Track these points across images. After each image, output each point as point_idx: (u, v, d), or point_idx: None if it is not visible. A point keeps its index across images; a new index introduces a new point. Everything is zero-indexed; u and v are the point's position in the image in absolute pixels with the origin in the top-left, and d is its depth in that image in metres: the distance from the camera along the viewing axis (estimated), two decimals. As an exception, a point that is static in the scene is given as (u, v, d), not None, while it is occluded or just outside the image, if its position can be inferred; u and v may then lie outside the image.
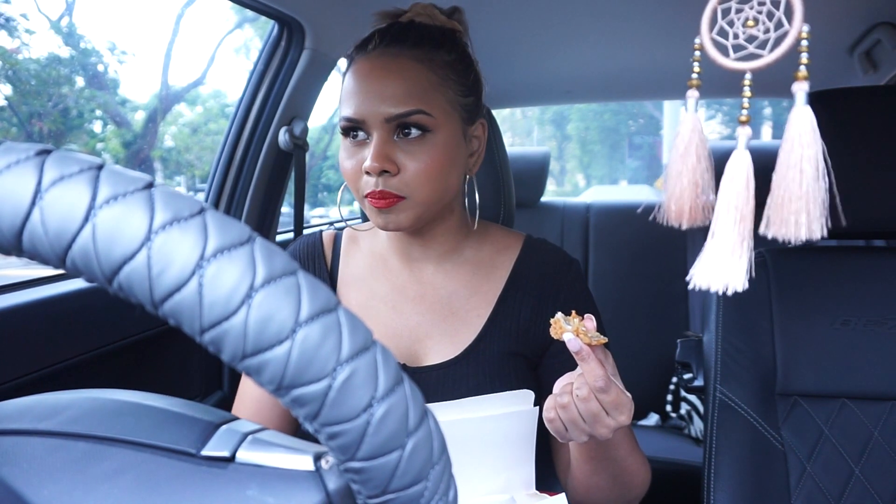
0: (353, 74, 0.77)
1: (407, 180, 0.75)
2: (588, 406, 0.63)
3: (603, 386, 0.62)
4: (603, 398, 0.62)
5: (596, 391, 0.62)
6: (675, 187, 0.35)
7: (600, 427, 0.64)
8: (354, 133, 0.77)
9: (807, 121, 0.33)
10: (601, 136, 19.31)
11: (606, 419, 0.63)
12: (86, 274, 0.23)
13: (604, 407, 0.63)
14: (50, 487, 0.28)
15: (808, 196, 0.33)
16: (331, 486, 0.27)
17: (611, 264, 2.22)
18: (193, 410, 0.30)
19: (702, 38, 0.33)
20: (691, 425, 1.91)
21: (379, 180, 0.74)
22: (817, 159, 0.33)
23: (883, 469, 0.95)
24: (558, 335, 0.65)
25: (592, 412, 0.63)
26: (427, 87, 0.76)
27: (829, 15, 1.29)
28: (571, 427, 0.65)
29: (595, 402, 0.63)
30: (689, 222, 0.35)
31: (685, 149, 0.35)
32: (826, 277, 1.02)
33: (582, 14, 1.32)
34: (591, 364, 0.63)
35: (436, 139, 0.75)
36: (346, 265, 0.88)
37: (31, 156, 0.23)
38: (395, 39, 0.77)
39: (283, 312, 0.23)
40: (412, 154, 0.75)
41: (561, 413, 0.65)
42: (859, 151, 0.97)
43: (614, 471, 0.76)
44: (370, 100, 0.74)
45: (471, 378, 0.80)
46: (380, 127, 0.74)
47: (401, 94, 0.74)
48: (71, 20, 7.16)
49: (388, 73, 0.75)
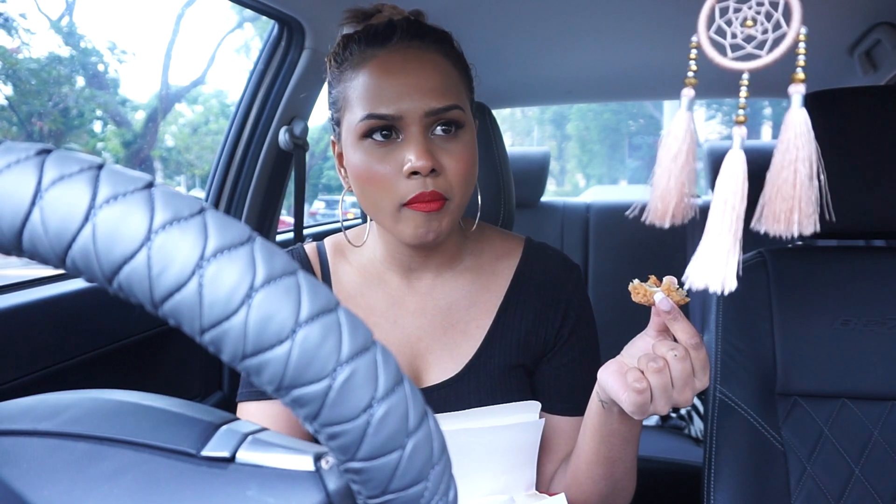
0: (378, 68, 0.70)
1: (450, 180, 0.70)
2: (684, 366, 0.61)
3: (698, 342, 0.62)
4: (696, 355, 0.62)
5: (691, 348, 0.61)
6: (662, 186, 0.35)
7: (688, 390, 0.62)
8: (385, 133, 0.70)
9: (802, 122, 0.33)
10: (601, 136, 19.31)
11: (694, 381, 0.62)
12: (86, 274, 0.23)
13: (694, 368, 0.62)
14: (50, 488, 0.28)
15: (801, 195, 0.33)
16: (331, 487, 0.27)
17: (611, 264, 2.21)
18: (193, 411, 0.30)
19: (699, 36, 0.33)
20: (691, 425, 1.91)
21: (427, 181, 0.68)
22: (811, 160, 0.33)
23: (883, 469, 0.95)
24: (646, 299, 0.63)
25: (686, 373, 0.61)
26: (456, 82, 0.73)
27: (828, 15, 1.28)
28: (660, 395, 0.62)
29: (689, 361, 0.61)
30: (674, 221, 0.36)
31: (675, 146, 0.35)
32: (826, 277, 1.02)
33: (582, 14, 1.32)
34: (683, 322, 0.62)
35: (466, 136, 0.72)
36: (337, 280, 0.83)
37: (31, 155, 0.23)
38: (418, 34, 0.73)
39: (283, 312, 0.23)
40: (449, 152, 0.70)
41: (654, 379, 0.61)
42: (859, 151, 0.97)
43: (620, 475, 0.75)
44: (409, 94, 0.68)
45: (472, 395, 0.78)
46: (419, 123, 0.69)
47: (439, 87, 0.69)
48: (71, 20, 7.15)
49: (424, 67, 0.70)
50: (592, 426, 0.72)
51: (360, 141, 0.71)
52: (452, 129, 0.71)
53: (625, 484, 0.76)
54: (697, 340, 0.61)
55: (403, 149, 0.69)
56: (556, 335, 0.82)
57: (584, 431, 0.74)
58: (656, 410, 0.63)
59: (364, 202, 0.74)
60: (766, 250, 1.06)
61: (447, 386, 0.79)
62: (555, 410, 0.82)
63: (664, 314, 0.62)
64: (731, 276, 0.33)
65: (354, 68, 0.73)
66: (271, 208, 1.46)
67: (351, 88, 0.72)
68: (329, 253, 0.85)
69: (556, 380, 0.82)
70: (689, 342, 0.62)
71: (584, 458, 0.74)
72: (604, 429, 0.71)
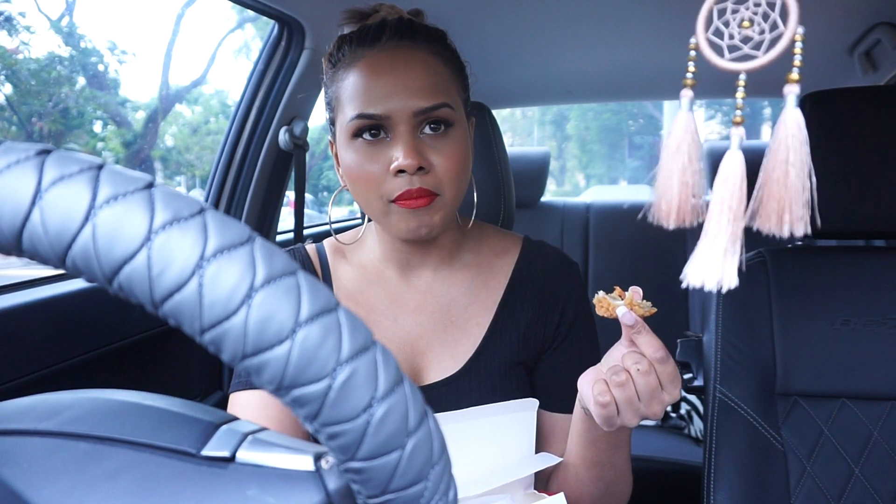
0: (368, 69, 0.71)
1: (439, 177, 0.71)
2: (648, 380, 0.61)
3: (663, 356, 0.61)
4: (662, 370, 0.61)
5: (656, 362, 0.61)
6: (664, 186, 0.35)
7: (656, 404, 0.62)
8: (374, 132, 0.71)
9: (796, 123, 0.33)
10: (601, 136, 19.31)
11: (662, 394, 0.62)
12: (86, 274, 0.23)
13: (661, 381, 0.61)
14: (50, 488, 0.28)
15: (792, 196, 0.33)
16: (331, 487, 0.27)
17: (611, 264, 2.22)
18: (193, 410, 0.30)
19: (697, 37, 0.33)
20: (691, 425, 1.91)
21: (414, 178, 0.70)
22: (803, 161, 0.33)
23: (883, 469, 0.95)
24: (609, 312, 0.63)
25: (651, 387, 0.61)
26: (447, 81, 0.74)
27: (828, 15, 1.29)
28: (626, 408, 0.62)
29: (654, 375, 0.61)
30: (678, 222, 0.36)
31: (677, 147, 0.35)
32: (826, 277, 1.02)
33: (582, 14, 1.32)
34: (647, 336, 0.62)
35: (456, 134, 0.73)
36: (337, 279, 0.84)
37: (31, 156, 0.23)
38: (408, 33, 0.73)
39: (283, 312, 0.23)
40: (438, 150, 0.71)
41: (617, 393, 0.61)
42: (859, 151, 0.97)
43: (611, 478, 0.75)
44: (397, 94, 0.70)
45: (473, 392, 0.78)
46: (407, 122, 0.70)
47: (428, 87, 0.71)
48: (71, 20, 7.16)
49: (412, 66, 0.71)
50: (577, 431, 0.72)
51: (351, 140, 0.72)
52: (441, 128, 0.72)
53: (618, 488, 0.76)
54: (662, 354, 0.61)
55: (391, 147, 0.71)
56: (554, 332, 0.82)
57: (572, 435, 0.74)
58: (625, 423, 0.63)
59: (358, 199, 0.76)
60: (765, 250, 1.06)
61: (447, 384, 0.79)
62: (554, 408, 0.82)
63: (627, 328, 0.62)
64: (730, 274, 0.33)
65: (346, 68, 0.74)
66: (271, 208, 1.46)
67: (342, 89, 0.73)
68: (329, 253, 0.86)
69: (555, 377, 0.82)
70: (653, 356, 0.61)
71: (573, 460, 0.75)
72: (588, 434, 0.71)
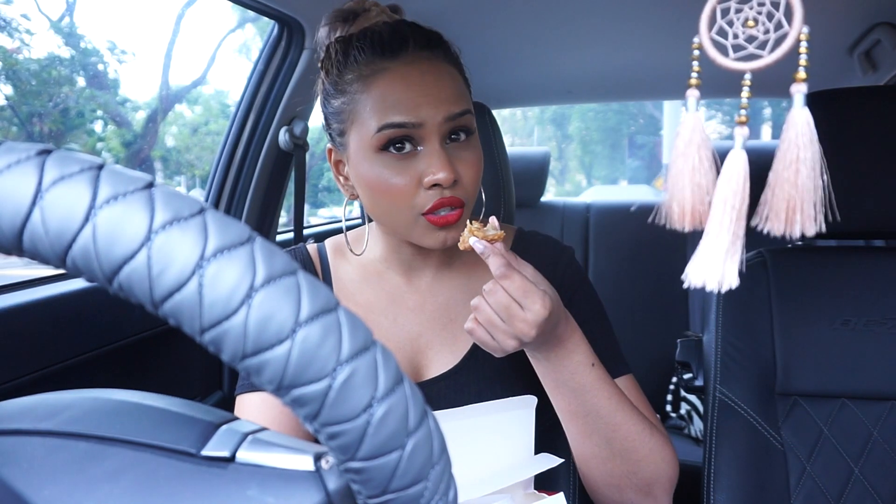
0: (399, 80, 0.71)
1: (466, 187, 0.72)
2: (497, 298, 0.64)
3: (504, 272, 0.64)
4: (507, 285, 0.64)
5: (499, 278, 0.64)
6: (675, 188, 0.35)
7: (518, 322, 0.64)
8: (399, 146, 0.71)
9: (805, 122, 0.33)
10: (602, 137, 19.31)
11: (520, 312, 0.64)
12: (86, 274, 0.23)
13: (513, 297, 0.64)
14: (50, 487, 0.28)
15: (803, 195, 0.33)
16: (331, 487, 0.27)
17: (611, 264, 2.22)
18: (193, 410, 0.30)
19: (701, 37, 0.33)
20: (691, 425, 1.91)
21: (446, 191, 0.70)
22: (814, 160, 0.33)
23: (883, 469, 0.95)
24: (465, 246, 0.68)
25: (503, 304, 0.64)
26: (464, 88, 0.76)
27: (828, 15, 1.29)
28: (493, 330, 0.66)
29: (502, 291, 0.64)
30: (692, 225, 0.35)
31: (685, 148, 0.35)
32: (826, 277, 1.02)
33: (583, 14, 1.33)
34: (493, 258, 0.66)
35: (475, 141, 0.75)
36: (337, 278, 0.85)
37: (32, 156, 0.23)
38: (428, 44, 0.74)
39: (283, 312, 0.23)
40: (463, 159, 0.72)
41: (478, 316, 0.66)
42: (859, 151, 0.97)
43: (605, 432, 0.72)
44: (428, 103, 0.70)
45: (472, 385, 0.79)
46: (436, 131, 0.70)
47: (454, 95, 0.72)
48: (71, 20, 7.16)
49: (440, 77, 0.72)
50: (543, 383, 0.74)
51: (376, 154, 0.71)
52: (463, 136, 0.73)
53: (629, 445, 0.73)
54: (503, 271, 0.65)
55: (422, 160, 0.70)
56: None
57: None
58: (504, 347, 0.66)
59: (375, 211, 0.76)
60: (766, 250, 1.06)
61: (447, 378, 0.80)
62: None
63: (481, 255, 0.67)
64: (731, 274, 0.33)
65: (364, 80, 0.72)
66: (271, 208, 1.46)
67: (361, 102, 0.72)
68: (329, 253, 0.87)
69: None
70: (495, 273, 0.65)
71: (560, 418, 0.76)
72: (547, 381, 0.73)
